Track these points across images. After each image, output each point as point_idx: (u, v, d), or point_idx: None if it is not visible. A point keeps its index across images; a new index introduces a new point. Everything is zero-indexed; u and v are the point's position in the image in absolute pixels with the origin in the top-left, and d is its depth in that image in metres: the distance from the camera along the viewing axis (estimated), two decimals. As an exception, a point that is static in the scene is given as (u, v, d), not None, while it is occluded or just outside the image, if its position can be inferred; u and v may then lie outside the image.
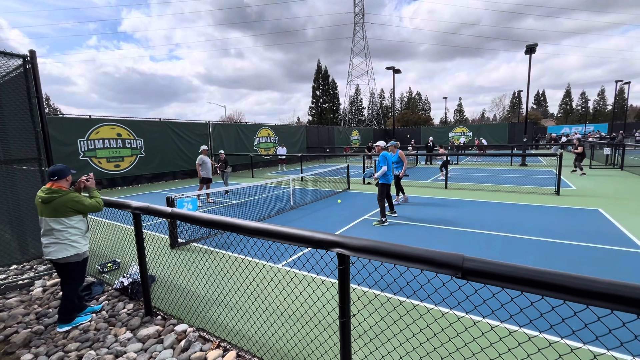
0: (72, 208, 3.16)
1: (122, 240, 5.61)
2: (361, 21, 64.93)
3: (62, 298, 3.35)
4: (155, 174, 15.40)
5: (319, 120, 68.08)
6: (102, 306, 3.72)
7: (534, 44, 16.86)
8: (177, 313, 3.51)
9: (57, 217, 3.12)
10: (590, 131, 44.54)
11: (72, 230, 3.20)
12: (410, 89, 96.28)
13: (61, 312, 3.32)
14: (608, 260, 4.57)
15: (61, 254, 3.16)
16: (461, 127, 35.11)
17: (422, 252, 1.63)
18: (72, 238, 3.20)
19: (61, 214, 3.13)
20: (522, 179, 12.48)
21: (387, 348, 2.60)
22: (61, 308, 3.33)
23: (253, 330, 3.09)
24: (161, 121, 15.82)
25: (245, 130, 20.80)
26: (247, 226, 2.24)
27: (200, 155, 9.78)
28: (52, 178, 3.17)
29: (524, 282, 1.37)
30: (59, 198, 3.11)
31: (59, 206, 3.10)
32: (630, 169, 14.00)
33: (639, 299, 1.17)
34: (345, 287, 1.92)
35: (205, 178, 9.81)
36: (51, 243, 3.15)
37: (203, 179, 9.85)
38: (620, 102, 61.77)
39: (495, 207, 8.11)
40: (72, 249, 3.20)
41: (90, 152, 13.09)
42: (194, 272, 4.39)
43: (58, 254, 3.15)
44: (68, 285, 3.34)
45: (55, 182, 3.18)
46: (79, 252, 3.26)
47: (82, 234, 3.31)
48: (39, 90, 4.52)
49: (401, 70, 25.29)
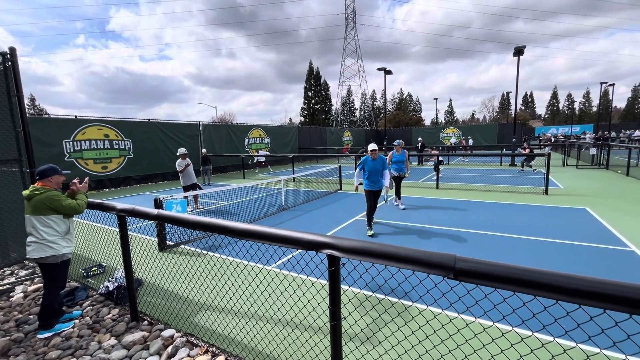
0: (48, 206, 3.11)
1: (108, 243, 5.47)
2: (352, 22, 65.23)
3: (41, 302, 3.25)
4: (144, 176, 15.12)
5: (311, 121, 68.06)
6: (81, 312, 3.59)
7: (522, 46, 17.15)
8: (164, 318, 3.42)
9: (36, 214, 3.10)
10: (576, 132, 45.54)
11: (49, 230, 3.14)
12: (402, 90, 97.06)
13: (41, 318, 3.22)
14: (596, 258, 4.63)
15: (38, 254, 3.11)
16: (452, 127, 35.50)
17: (413, 252, 1.60)
18: (50, 238, 3.14)
19: (39, 211, 3.10)
20: (511, 179, 12.64)
21: (379, 351, 2.56)
22: (40, 313, 3.22)
23: (242, 335, 3.02)
24: (150, 122, 15.55)
25: (236, 131, 20.62)
26: (236, 228, 2.18)
27: (179, 160, 8.54)
28: (36, 177, 3.24)
29: (516, 282, 1.35)
30: (38, 196, 3.11)
31: (37, 203, 3.10)
32: (615, 169, 14.33)
33: (629, 297, 1.16)
34: (335, 289, 1.87)
35: (187, 186, 8.61)
36: (31, 242, 3.13)
37: (186, 187, 8.61)
38: (605, 103, 63.38)
39: (486, 206, 8.18)
40: (49, 250, 3.12)
41: (76, 153, 12.77)
42: (182, 275, 4.29)
43: (35, 253, 3.11)
44: (48, 288, 3.24)
45: (39, 181, 3.21)
46: (57, 253, 3.16)
47: (61, 235, 3.22)
48: (20, 89, 4.36)
49: (393, 72, 25.45)
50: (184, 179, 8.56)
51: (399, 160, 8.31)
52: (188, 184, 8.60)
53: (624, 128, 44.55)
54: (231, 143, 19.98)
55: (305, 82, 70.62)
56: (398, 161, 8.32)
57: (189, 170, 8.56)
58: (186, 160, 8.55)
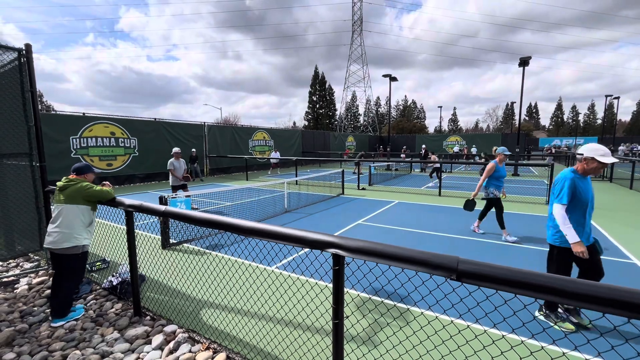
0: (83, 195, 3.36)
1: (113, 239, 5.52)
2: (359, 29, 65.71)
3: (60, 292, 3.37)
4: (149, 174, 15.24)
5: (314, 126, 68.31)
6: (83, 307, 3.65)
7: (528, 56, 17.23)
8: (167, 314, 3.45)
9: (70, 203, 3.33)
10: (580, 144, 45.36)
11: (76, 220, 3.33)
12: (406, 97, 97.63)
13: (57, 306, 3.34)
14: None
15: (61, 244, 3.24)
16: (455, 136, 35.54)
17: (417, 253, 1.64)
18: (76, 228, 3.31)
19: (72, 200, 3.33)
20: (514, 189, 12.63)
21: (380, 350, 2.58)
22: (58, 302, 3.34)
23: (244, 332, 3.05)
24: (156, 121, 15.71)
25: (240, 132, 20.76)
26: (242, 225, 2.22)
27: (170, 160, 8.43)
28: (73, 172, 3.54)
29: (518, 285, 1.38)
30: (73, 186, 3.38)
31: (72, 192, 3.34)
32: (618, 182, 14.29)
33: (627, 301, 1.19)
34: (339, 289, 1.91)
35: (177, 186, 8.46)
36: (55, 231, 3.27)
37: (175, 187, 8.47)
38: (610, 116, 63.29)
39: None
40: (73, 240, 3.28)
41: (83, 149, 12.91)
42: (185, 272, 4.33)
43: (58, 243, 3.24)
44: (67, 279, 3.38)
45: (74, 175, 3.51)
46: (79, 244, 3.33)
47: (84, 226, 3.40)
48: (34, 85, 4.45)
49: (398, 79, 25.58)
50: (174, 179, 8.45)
51: (502, 176, 6.07)
52: (178, 184, 8.51)
53: (628, 141, 44.41)
54: (235, 145, 20.10)
55: (310, 87, 71.04)
56: (501, 177, 6.07)
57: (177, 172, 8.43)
58: (179, 161, 8.49)
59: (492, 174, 5.97)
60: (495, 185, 5.98)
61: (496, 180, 5.97)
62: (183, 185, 8.61)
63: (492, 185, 5.99)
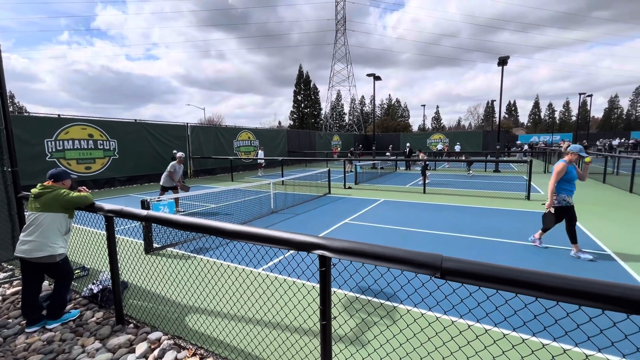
0: (59, 202, 3.23)
1: (92, 245, 5.34)
2: (343, 28, 65.95)
3: (52, 295, 3.34)
4: (130, 177, 14.81)
5: (300, 125, 68.15)
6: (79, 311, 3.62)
7: (506, 56, 17.73)
8: (151, 321, 3.37)
9: (45, 211, 3.20)
10: (556, 140, 47.15)
11: (52, 228, 3.21)
12: (390, 96, 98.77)
13: (52, 309, 3.31)
14: (574, 261, 4.82)
15: (35, 254, 3.13)
16: (439, 134, 36.22)
17: (402, 252, 1.66)
18: (51, 237, 3.19)
19: (48, 208, 3.21)
20: (495, 185, 13.00)
21: (368, 350, 2.60)
22: (51, 305, 3.30)
23: (231, 337, 3.01)
24: (137, 122, 15.28)
25: (225, 133, 20.47)
26: (227, 229, 2.19)
27: (173, 163, 8.53)
28: (49, 179, 3.41)
29: (499, 281, 1.41)
30: (48, 193, 3.25)
31: (48, 200, 3.22)
32: (592, 176, 14.93)
33: (605, 294, 1.24)
34: (326, 290, 1.91)
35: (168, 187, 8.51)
36: (29, 240, 3.14)
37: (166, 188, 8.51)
38: (584, 113, 66.04)
39: (470, 211, 8.39)
40: (47, 249, 3.16)
41: (59, 153, 12.41)
42: (169, 277, 4.23)
43: (32, 252, 3.13)
44: (57, 282, 3.34)
45: (51, 182, 3.40)
46: (54, 253, 3.21)
47: (61, 235, 3.29)
48: (3, 85, 4.25)
49: (382, 78, 25.82)
50: (169, 180, 8.44)
51: (573, 179, 5.03)
52: (169, 185, 8.50)
53: (601, 137, 46.47)
54: (219, 145, 19.81)
55: (295, 86, 70.83)
56: (573, 179, 5.02)
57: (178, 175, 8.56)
58: (181, 166, 8.61)
59: (562, 176, 4.94)
60: (566, 190, 4.98)
61: (567, 184, 4.97)
62: (174, 187, 8.59)
63: (562, 191, 4.98)
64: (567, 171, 4.93)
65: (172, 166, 8.44)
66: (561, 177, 4.94)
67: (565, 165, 4.92)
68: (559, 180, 4.97)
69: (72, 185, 3.59)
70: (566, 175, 4.94)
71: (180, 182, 8.63)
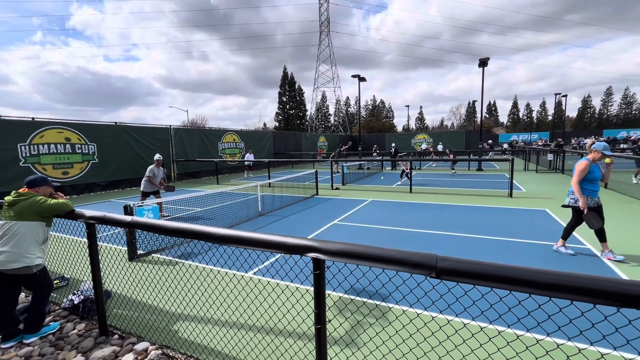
0: (35, 210, 3.05)
1: (72, 253, 5.12)
2: (327, 29, 66.20)
3: (29, 308, 3.18)
4: (111, 182, 14.34)
5: (285, 126, 67.88)
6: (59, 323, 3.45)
7: (486, 58, 18.22)
8: (137, 331, 3.24)
9: (20, 219, 3.02)
10: (535, 139, 48.81)
11: (28, 237, 3.04)
12: (375, 97, 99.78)
13: (29, 322, 3.13)
14: (555, 256, 4.98)
15: (10, 265, 2.96)
16: (423, 134, 36.86)
17: (397, 253, 1.65)
18: (27, 247, 3.03)
19: (23, 216, 3.02)
20: (479, 183, 13.31)
21: (364, 352, 2.58)
22: (28, 317, 3.13)
23: (223, 344, 2.93)
24: (117, 125, 14.82)
25: (209, 135, 20.13)
26: (217, 234, 2.13)
27: (151, 167, 8.22)
28: (25, 185, 3.25)
29: (495, 279, 1.42)
30: (23, 201, 3.06)
31: (23, 208, 3.04)
32: (569, 173, 15.52)
33: (594, 289, 1.27)
34: (320, 293, 1.88)
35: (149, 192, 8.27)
36: (3, 251, 2.97)
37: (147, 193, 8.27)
38: (559, 112, 68.70)
39: (456, 209, 8.55)
40: (23, 259, 3.00)
41: (33, 157, 11.87)
42: (155, 285, 4.10)
43: (7, 264, 2.95)
44: (36, 294, 3.17)
45: (26, 189, 3.21)
46: (30, 264, 3.03)
47: (38, 244, 3.12)
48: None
49: (366, 79, 26.03)
50: (149, 185, 8.18)
51: (596, 179, 4.72)
52: (149, 190, 8.25)
53: (575, 135, 48.44)
54: (204, 148, 19.47)
55: (280, 87, 70.53)
56: (596, 179, 4.72)
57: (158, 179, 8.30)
58: (160, 169, 8.33)
59: (585, 175, 4.65)
60: (587, 190, 4.70)
61: (590, 184, 4.68)
62: (156, 191, 8.32)
63: (584, 191, 4.71)
64: (590, 170, 4.64)
65: (150, 170, 8.15)
66: (584, 176, 4.65)
67: (588, 164, 4.63)
68: (582, 180, 4.70)
69: (52, 192, 3.41)
70: (589, 175, 4.65)
71: (163, 183, 8.40)
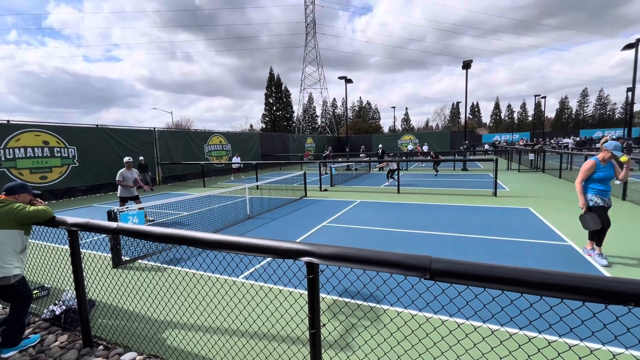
0: (12, 218, 2.92)
1: (52, 262, 4.92)
2: (313, 31, 66.32)
3: (7, 320, 3.02)
4: (92, 186, 13.88)
5: (272, 128, 67.50)
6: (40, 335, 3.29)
7: (470, 60, 18.68)
8: (124, 341, 3.13)
9: None
10: (516, 139, 50.28)
11: (5, 247, 2.90)
12: (361, 99, 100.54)
13: (6, 335, 2.99)
14: (539, 253, 5.12)
15: None
16: (409, 135, 37.37)
17: (391, 255, 1.65)
18: (5, 257, 2.90)
19: (1, 225, 2.90)
20: (464, 183, 13.59)
21: (359, 355, 2.57)
22: (6, 330, 2.99)
23: (215, 351, 2.87)
24: (98, 127, 14.38)
25: (195, 137, 19.79)
26: (208, 239, 2.08)
27: (121, 170, 7.79)
28: (2, 192, 3.14)
29: (488, 279, 1.44)
30: (1, 208, 2.95)
31: (0, 216, 2.92)
32: (549, 172, 16.05)
33: (583, 287, 1.30)
34: (314, 297, 1.86)
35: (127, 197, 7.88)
36: None
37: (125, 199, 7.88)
38: (539, 113, 71.00)
39: (443, 209, 8.69)
40: (1, 270, 2.87)
41: (9, 162, 11.37)
42: (142, 292, 3.98)
43: None
44: (13, 305, 3.02)
45: (4, 196, 3.08)
46: (8, 274, 2.90)
47: (16, 254, 2.98)
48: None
49: (353, 80, 26.22)
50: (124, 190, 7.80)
51: (606, 178, 4.56)
52: (126, 195, 7.86)
53: (554, 136, 50.18)
54: (189, 150, 19.13)
55: (266, 89, 70.06)
56: (605, 179, 4.56)
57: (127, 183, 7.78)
58: (131, 171, 7.86)
59: (590, 174, 4.57)
60: (594, 189, 4.55)
61: (599, 184, 4.52)
62: (135, 197, 7.95)
63: (591, 190, 4.58)
64: (596, 169, 4.54)
65: (119, 174, 7.70)
66: (588, 175, 4.59)
67: (595, 164, 4.55)
68: (588, 179, 4.62)
69: (32, 199, 3.26)
70: (595, 174, 4.55)
71: (139, 183, 7.93)
